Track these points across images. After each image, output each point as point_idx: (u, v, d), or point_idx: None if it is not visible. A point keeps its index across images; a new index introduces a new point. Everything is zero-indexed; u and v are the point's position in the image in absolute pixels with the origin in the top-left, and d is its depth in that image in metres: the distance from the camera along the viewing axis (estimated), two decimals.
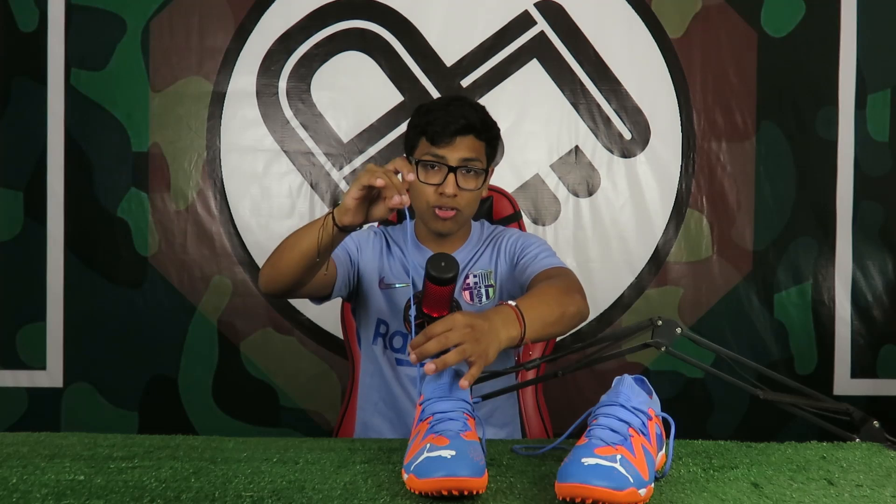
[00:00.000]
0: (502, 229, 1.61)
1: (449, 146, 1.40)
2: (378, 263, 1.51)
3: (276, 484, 0.89)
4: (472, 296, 1.50)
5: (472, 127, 1.42)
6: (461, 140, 1.41)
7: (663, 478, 0.93)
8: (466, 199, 1.43)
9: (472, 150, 1.42)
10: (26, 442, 1.10)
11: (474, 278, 1.51)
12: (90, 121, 2.26)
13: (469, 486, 0.81)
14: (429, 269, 1.10)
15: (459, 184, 1.41)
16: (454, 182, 1.40)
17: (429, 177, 1.42)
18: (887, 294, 2.35)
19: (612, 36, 2.32)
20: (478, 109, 1.46)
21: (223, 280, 2.27)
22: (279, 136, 2.29)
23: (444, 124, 1.40)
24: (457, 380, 0.98)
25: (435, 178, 1.41)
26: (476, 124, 1.42)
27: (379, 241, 1.54)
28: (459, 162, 1.40)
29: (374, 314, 1.51)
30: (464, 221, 1.49)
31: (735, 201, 2.34)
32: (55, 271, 2.26)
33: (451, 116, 1.41)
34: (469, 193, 1.43)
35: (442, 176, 1.40)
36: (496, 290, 1.51)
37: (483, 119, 1.45)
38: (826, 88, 2.34)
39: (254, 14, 2.28)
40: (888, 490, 0.91)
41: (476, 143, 1.43)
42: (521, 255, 1.50)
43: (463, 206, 1.43)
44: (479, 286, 1.51)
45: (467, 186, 1.42)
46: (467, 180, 1.42)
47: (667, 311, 2.30)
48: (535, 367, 1.53)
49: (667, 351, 1.13)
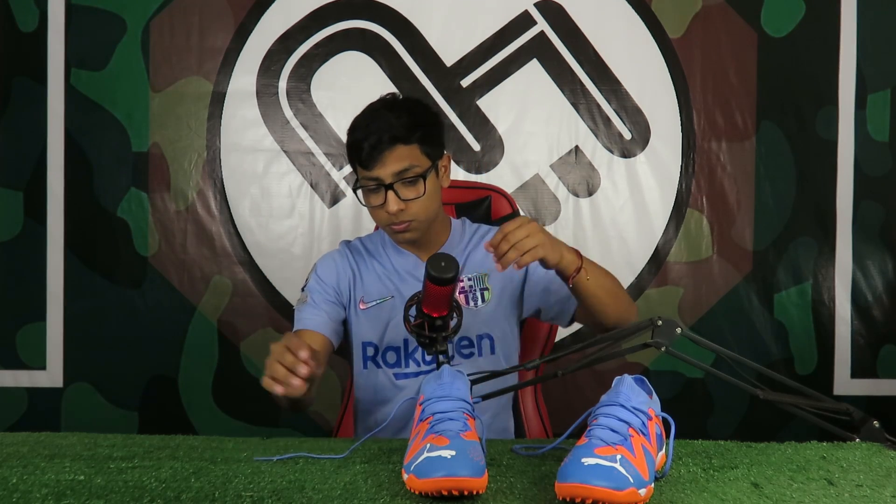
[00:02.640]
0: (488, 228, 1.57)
1: (379, 165, 1.35)
2: (353, 289, 1.48)
3: (276, 484, 0.89)
4: (467, 299, 1.47)
5: (396, 137, 1.36)
6: (389, 154, 1.35)
7: (663, 478, 0.93)
8: (416, 207, 1.38)
9: (404, 159, 1.36)
10: (26, 442, 1.10)
11: (469, 281, 1.48)
12: (90, 121, 2.26)
13: (469, 486, 0.81)
14: (429, 269, 1.11)
15: (402, 196, 1.36)
16: (395, 198, 1.35)
17: (372, 199, 1.39)
18: (887, 294, 2.35)
19: (612, 36, 2.32)
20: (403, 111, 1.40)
21: (223, 280, 2.27)
22: (279, 136, 2.29)
23: (368, 147, 1.35)
24: (457, 379, 0.98)
25: (377, 199, 1.38)
26: (399, 133, 1.36)
27: (347, 263, 1.50)
28: (393, 177, 1.35)
29: (356, 339, 1.48)
30: (426, 226, 1.43)
31: (735, 201, 2.34)
32: (55, 271, 2.26)
33: (372, 135, 1.35)
34: (416, 202, 1.37)
35: (383, 196, 1.36)
36: (492, 292, 1.48)
37: (409, 122, 1.38)
38: (826, 88, 2.34)
39: (254, 14, 2.28)
40: (888, 490, 0.91)
41: (406, 150, 1.37)
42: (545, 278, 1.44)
43: (415, 214, 1.38)
44: (473, 289, 1.49)
45: (409, 196, 1.37)
46: (408, 190, 1.37)
47: (667, 311, 2.30)
48: (535, 367, 1.52)
49: (667, 351, 1.13)
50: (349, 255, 1.52)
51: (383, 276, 1.48)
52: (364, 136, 1.37)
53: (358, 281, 1.49)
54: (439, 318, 1.17)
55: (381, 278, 1.48)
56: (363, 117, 1.43)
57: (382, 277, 1.48)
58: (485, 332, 1.48)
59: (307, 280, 1.50)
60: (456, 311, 1.21)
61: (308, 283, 1.49)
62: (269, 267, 2.28)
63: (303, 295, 1.48)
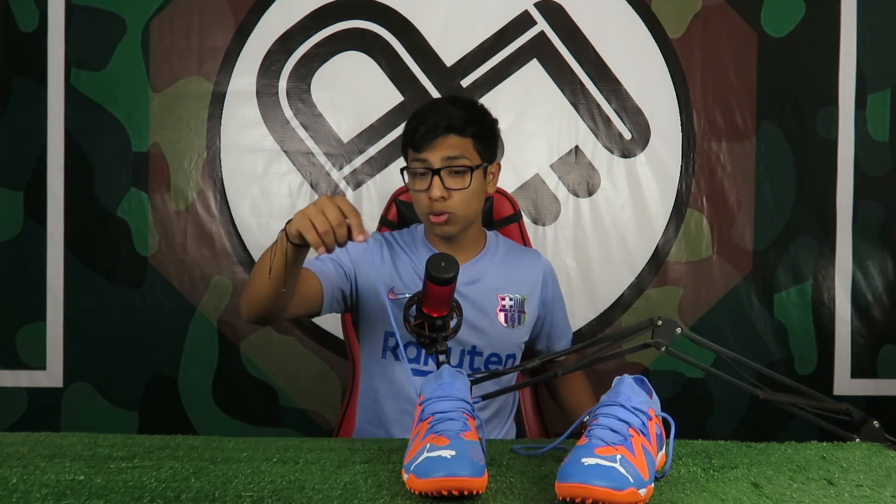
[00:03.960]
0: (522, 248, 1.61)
1: (430, 149, 1.38)
2: (385, 274, 1.47)
3: (276, 484, 0.89)
4: (506, 318, 1.49)
5: (452, 126, 1.39)
6: (442, 140, 1.39)
7: (663, 478, 0.93)
8: (458, 199, 1.40)
9: (455, 147, 1.39)
10: (26, 442, 1.10)
11: (510, 301, 1.50)
12: (90, 121, 2.26)
13: (469, 485, 0.81)
14: (429, 268, 1.11)
15: (446, 184, 1.38)
16: (439, 184, 1.37)
17: (417, 184, 1.40)
18: (887, 294, 2.35)
19: (612, 36, 2.32)
20: (463, 106, 1.43)
21: (223, 280, 2.27)
22: (279, 136, 2.29)
23: (424, 129, 1.38)
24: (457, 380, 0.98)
25: (422, 184, 1.40)
26: (456, 123, 1.39)
27: (382, 249, 1.50)
28: (442, 162, 1.38)
29: (380, 327, 1.48)
30: (464, 223, 1.45)
31: (735, 201, 2.33)
32: (55, 271, 2.26)
33: (431, 120, 1.39)
34: (460, 193, 1.39)
35: (428, 181, 1.39)
36: (526, 317, 1.51)
37: (467, 116, 1.42)
38: (826, 88, 2.34)
39: (254, 14, 2.28)
40: (888, 490, 0.91)
41: (459, 141, 1.40)
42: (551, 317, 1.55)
43: (455, 207, 1.40)
44: (513, 310, 1.50)
45: (454, 186, 1.39)
46: (454, 180, 1.39)
47: (667, 311, 2.30)
48: (534, 367, 1.53)
49: (667, 351, 1.13)
50: (384, 243, 1.52)
51: (413, 273, 1.48)
52: (421, 121, 1.40)
53: (391, 269, 1.48)
54: (439, 318, 1.17)
55: (412, 274, 1.48)
56: (424, 107, 1.46)
57: (412, 273, 1.48)
58: (514, 352, 1.52)
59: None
60: (456, 311, 1.21)
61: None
62: None
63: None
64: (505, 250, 1.56)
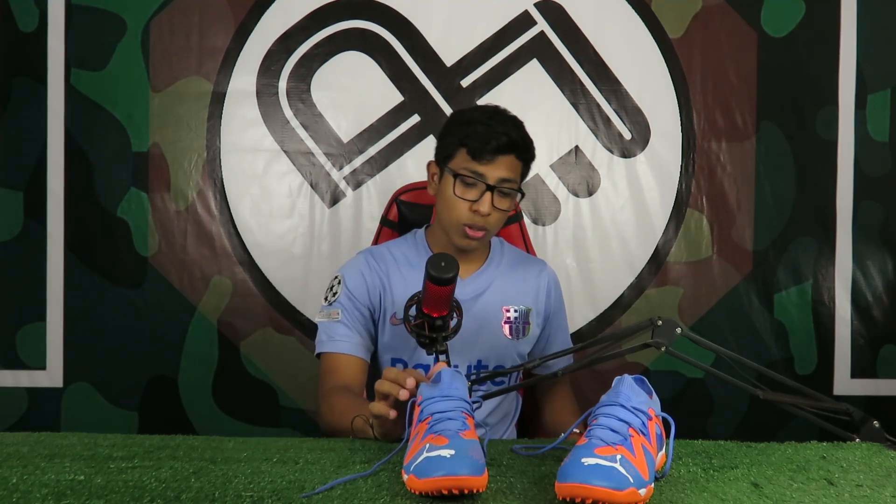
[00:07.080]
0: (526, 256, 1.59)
1: (490, 164, 1.36)
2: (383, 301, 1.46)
3: (276, 484, 0.89)
4: (511, 330, 1.49)
5: (515, 146, 1.37)
6: (502, 159, 1.37)
7: (663, 478, 0.93)
8: (496, 218, 1.40)
9: (511, 169, 1.38)
10: (26, 442, 1.10)
11: (515, 313, 1.49)
12: (90, 121, 2.26)
13: (469, 484, 0.81)
14: (429, 268, 1.11)
15: (494, 203, 1.37)
16: (490, 201, 1.36)
17: (465, 192, 1.38)
18: (887, 294, 2.35)
19: (612, 36, 2.32)
20: (519, 126, 1.42)
21: (223, 280, 2.27)
22: (279, 136, 2.29)
23: (486, 139, 1.35)
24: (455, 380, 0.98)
25: (471, 194, 1.37)
26: (518, 143, 1.38)
27: (376, 274, 1.47)
28: (498, 182, 1.37)
29: (384, 352, 1.47)
30: (488, 241, 1.48)
31: (735, 201, 2.34)
32: (55, 271, 2.26)
33: (494, 132, 1.36)
34: (500, 214, 1.40)
35: (478, 193, 1.37)
36: (531, 328, 1.51)
37: (524, 138, 1.41)
38: (826, 88, 2.34)
39: (254, 14, 2.28)
40: (888, 490, 0.91)
41: (515, 163, 1.40)
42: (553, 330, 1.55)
43: (493, 225, 1.41)
44: (518, 322, 1.50)
45: (501, 207, 1.39)
46: (502, 201, 1.39)
47: (667, 311, 2.30)
48: (534, 367, 1.53)
49: (667, 351, 1.13)
50: (376, 265, 1.49)
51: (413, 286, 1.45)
52: (485, 128, 1.36)
53: (388, 293, 1.46)
54: (439, 318, 1.18)
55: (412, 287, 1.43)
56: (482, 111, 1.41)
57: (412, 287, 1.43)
58: (518, 363, 1.51)
59: (334, 291, 1.46)
60: (456, 311, 1.21)
61: (337, 296, 1.45)
62: (269, 267, 2.28)
63: (333, 310, 1.44)
64: (509, 259, 1.56)
